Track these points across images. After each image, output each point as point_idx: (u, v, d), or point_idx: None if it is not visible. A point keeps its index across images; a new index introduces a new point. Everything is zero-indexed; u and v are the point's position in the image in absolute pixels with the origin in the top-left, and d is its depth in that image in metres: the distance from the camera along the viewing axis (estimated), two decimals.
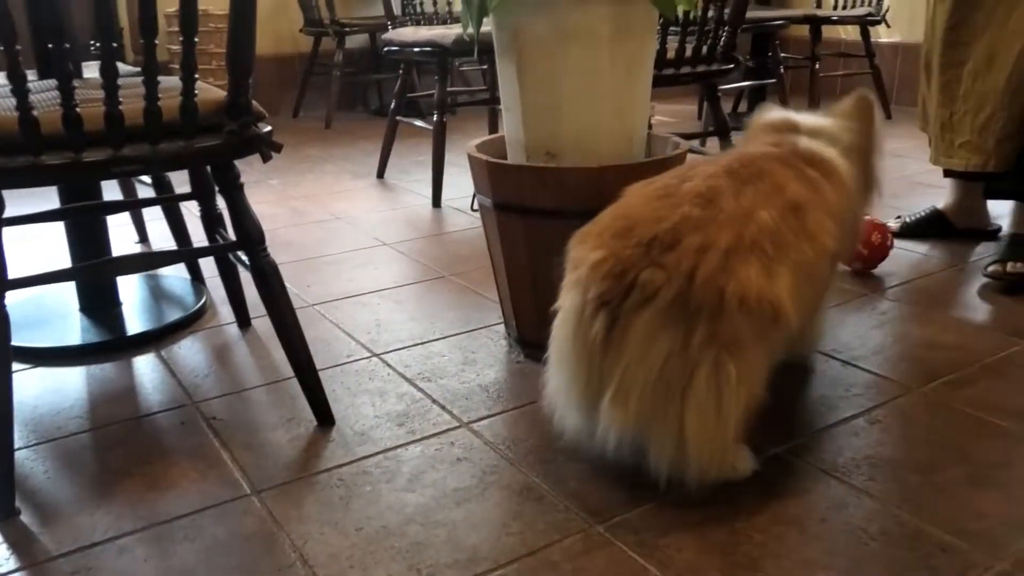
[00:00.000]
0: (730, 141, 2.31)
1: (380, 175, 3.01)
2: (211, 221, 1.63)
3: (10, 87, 1.05)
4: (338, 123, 4.09)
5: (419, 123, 2.90)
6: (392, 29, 2.85)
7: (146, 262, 1.56)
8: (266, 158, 1.26)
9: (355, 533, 1.05)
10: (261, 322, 1.68)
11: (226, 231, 1.59)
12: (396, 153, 3.12)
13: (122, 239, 2.24)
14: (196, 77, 1.17)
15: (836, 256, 1.32)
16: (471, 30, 1.46)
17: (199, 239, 1.81)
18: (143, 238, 2.29)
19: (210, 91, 1.25)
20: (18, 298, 1.81)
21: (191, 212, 1.90)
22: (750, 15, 3.15)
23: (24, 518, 1.10)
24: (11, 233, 1.21)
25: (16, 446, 1.25)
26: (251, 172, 3.04)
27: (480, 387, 1.42)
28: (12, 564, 1.02)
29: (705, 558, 0.99)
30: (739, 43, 2.27)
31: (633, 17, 1.40)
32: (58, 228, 1.73)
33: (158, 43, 1.12)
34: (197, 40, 1.14)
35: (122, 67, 1.71)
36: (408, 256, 2.13)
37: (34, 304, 1.80)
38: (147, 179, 1.99)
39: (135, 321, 1.73)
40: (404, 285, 1.92)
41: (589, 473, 1.16)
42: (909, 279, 1.88)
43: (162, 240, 2.20)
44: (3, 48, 1.02)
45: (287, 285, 1.33)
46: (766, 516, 1.06)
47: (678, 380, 1.02)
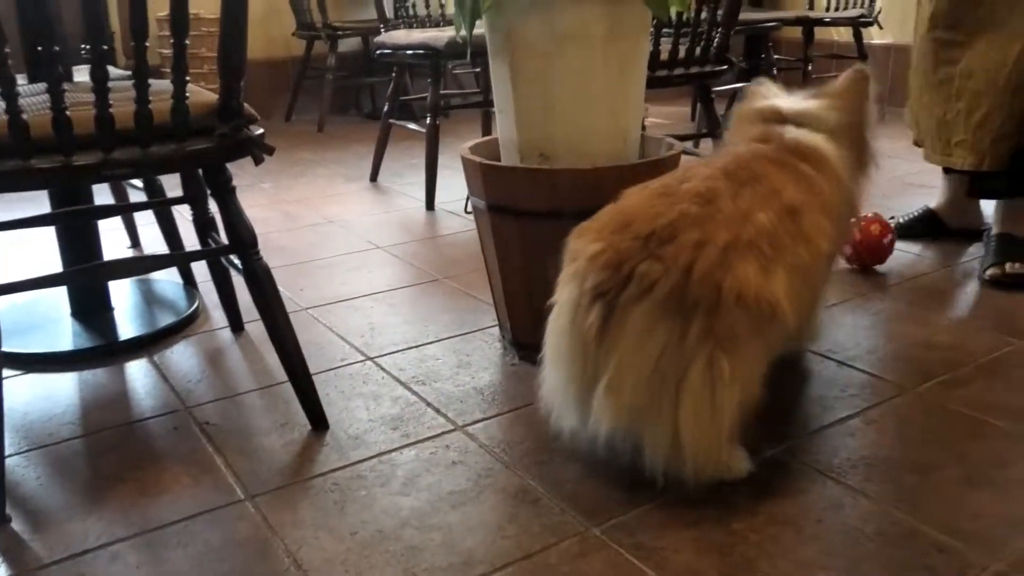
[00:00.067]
0: (724, 142, 2.31)
1: (373, 178, 3.00)
2: (203, 225, 1.62)
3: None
4: (331, 127, 4.08)
5: (412, 126, 2.89)
6: (385, 32, 2.84)
7: (138, 266, 1.55)
8: (258, 161, 1.26)
9: (350, 538, 1.05)
10: (254, 326, 1.67)
11: (218, 235, 1.59)
12: (389, 156, 3.11)
13: (114, 244, 2.23)
14: (187, 79, 1.16)
15: (832, 256, 1.33)
16: (464, 32, 1.45)
17: (191, 243, 1.80)
18: (135, 243, 2.28)
19: (201, 94, 1.25)
20: (9, 303, 1.80)
21: (183, 216, 1.89)
22: (743, 17, 3.15)
23: (15, 525, 1.09)
24: (2, 238, 1.20)
25: (7, 453, 1.24)
26: (243, 176, 3.03)
27: (475, 390, 1.41)
28: (3, 572, 1.01)
29: (702, 560, 0.98)
30: (732, 45, 2.27)
31: (626, 18, 1.40)
32: (49, 233, 1.72)
33: (149, 46, 1.11)
34: (188, 43, 1.14)
35: (113, 71, 1.70)
36: (402, 259, 2.13)
37: (25, 309, 1.79)
38: (138, 183, 1.99)
39: (127, 326, 1.72)
40: (398, 288, 1.91)
41: (585, 475, 1.16)
42: (903, 279, 1.88)
43: (154, 245, 2.19)
44: None
45: (280, 289, 1.33)
46: (762, 517, 1.05)
47: (673, 373, 1.02)
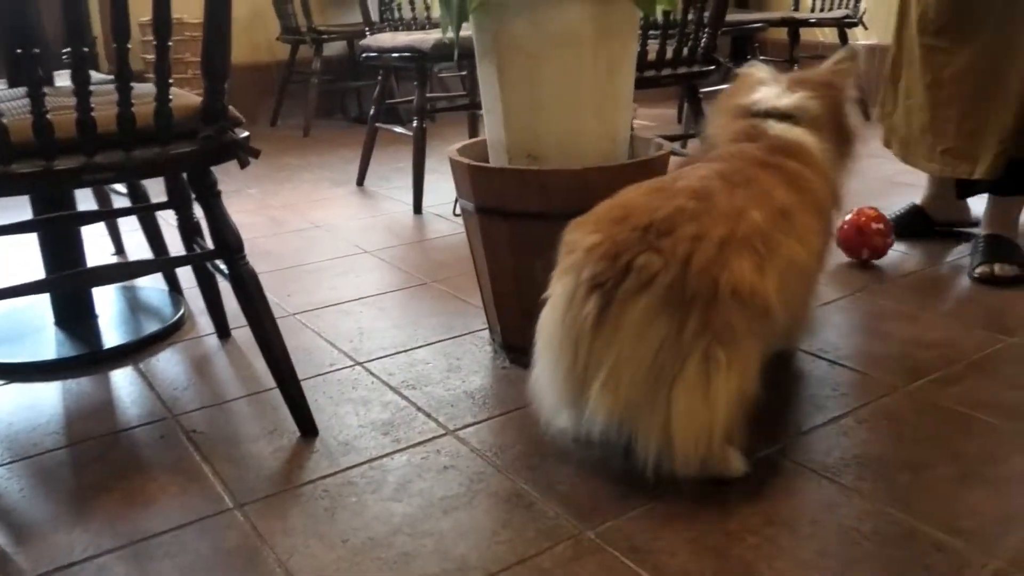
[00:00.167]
0: (706, 135, 2.32)
1: (360, 183, 2.99)
2: (188, 230, 1.60)
3: None
4: (316, 131, 4.06)
5: (399, 129, 2.88)
6: (370, 35, 2.83)
7: (122, 272, 1.53)
8: (244, 164, 1.24)
9: (341, 545, 1.03)
10: (241, 332, 1.66)
11: (204, 240, 1.57)
12: (376, 160, 3.10)
13: (98, 251, 2.21)
14: (171, 82, 1.15)
15: (822, 253, 1.33)
16: (451, 34, 1.44)
17: (177, 249, 1.78)
18: (119, 249, 2.25)
19: (185, 96, 1.23)
20: None
21: (168, 222, 1.87)
22: (729, 18, 3.16)
23: None
24: None
25: None
26: (229, 182, 3.00)
27: (465, 394, 1.40)
28: None
29: (698, 562, 0.97)
30: (718, 46, 2.28)
31: (615, 18, 1.39)
32: (31, 240, 1.69)
33: (132, 48, 1.10)
34: (171, 45, 1.12)
35: (95, 75, 1.68)
36: (390, 263, 2.11)
37: (8, 318, 1.76)
38: (122, 188, 1.96)
39: (112, 334, 1.70)
40: (386, 292, 1.90)
41: (578, 478, 1.15)
42: (893, 277, 1.88)
43: (139, 251, 2.17)
44: None
45: (267, 294, 1.31)
46: (758, 518, 1.05)
47: (669, 369, 1.01)
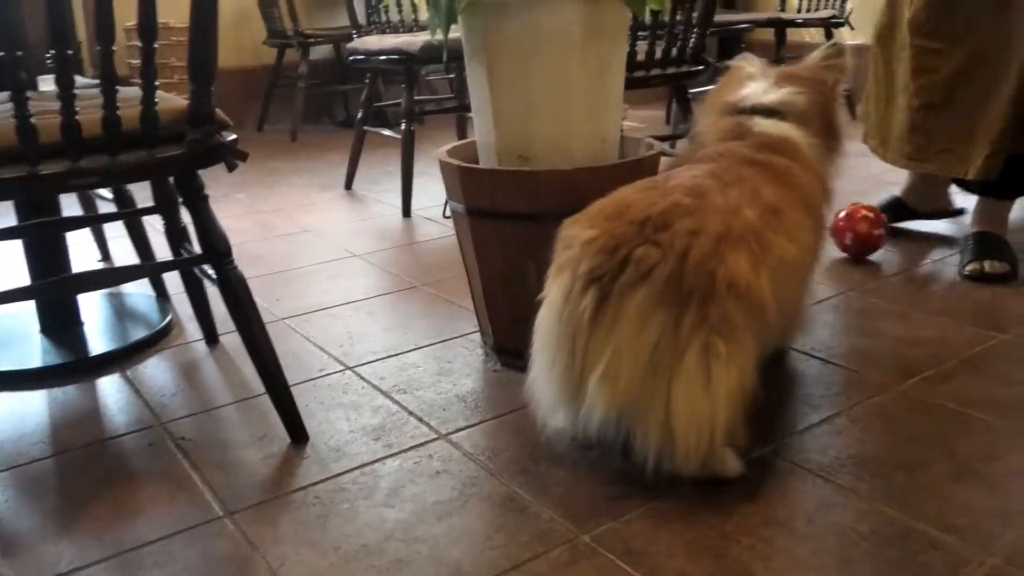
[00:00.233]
0: (694, 133, 2.33)
1: (348, 186, 2.97)
2: (175, 235, 1.59)
3: None
4: (304, 135, 4.05)
5: (387, 132, 2.87)
6: (357, 38, 2.82)
7: (109, 278, 1.51)
8: (231, 167, 1.23)
9: (333, 552, 1.02)
10: (230, 338, 1.64)
11: (191, 245, 1.55)
12: (364, 164, 3.09)
13: (84, 258, 2.19)
14: (156, 85, 1.13)
15: (814, 249, 1.34)
16: (439, 35, 1.43)
17: (163, 255, 1.77)
18: (105, 256, 2.23)
19: (171, 100, 1.22)
20: None
21: (155, 228, 1.85)
22: (716, 18, 3.16)
23: None
24: None
25: None
26: (217, 187, 2.98)
27: (457, 397, 1.39)
28: None
29: (695, 564, 0.96)
30: (707, 46, 2.28)
31: (605, 18, 1.38)
32: (16, 247, 1.67)
33: (117, 50, 1.08)
34: (157, 47, 1.11)
35: (80, 79, 1.66)
36: (379, 267, 2.10)
37: None
38: (108, 194, 1.94)
39: (98, 341, 1.68)
40: (376, 296, 1.89)
41: (572, 480, 1.14)
42: (884, 276, 1.89)
43: (125, 258, 2.15)
44: None
45: (256, 299, 1.30)
46: (754, 519, 1.04)
47: (668, 362, 1.01)
